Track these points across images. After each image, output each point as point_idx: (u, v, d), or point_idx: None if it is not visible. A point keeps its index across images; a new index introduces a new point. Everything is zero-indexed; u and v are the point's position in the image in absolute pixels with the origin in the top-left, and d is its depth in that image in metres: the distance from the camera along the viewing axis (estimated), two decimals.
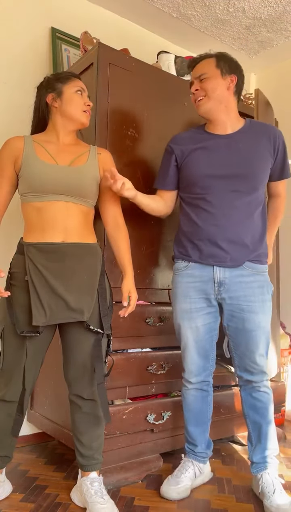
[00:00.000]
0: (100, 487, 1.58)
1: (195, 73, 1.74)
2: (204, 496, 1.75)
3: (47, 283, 1.52)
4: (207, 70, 1.71)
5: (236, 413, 2.23)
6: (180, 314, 1.78)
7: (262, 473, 1.70)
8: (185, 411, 1.83)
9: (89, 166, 1.64)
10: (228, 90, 1.71)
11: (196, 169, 1.73)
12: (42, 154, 1.59)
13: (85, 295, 1.55)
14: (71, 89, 1.64)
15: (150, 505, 1.65)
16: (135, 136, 2.04)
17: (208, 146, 1.74)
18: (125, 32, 2.83)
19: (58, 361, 1.78)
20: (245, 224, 1.69)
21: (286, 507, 1.57)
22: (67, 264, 1.55)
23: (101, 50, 1.95)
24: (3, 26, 2.34)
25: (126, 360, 1.87)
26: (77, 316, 1.53)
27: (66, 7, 2.58)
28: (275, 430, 1.74)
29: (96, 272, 1.61)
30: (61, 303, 1.52)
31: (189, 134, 1.83)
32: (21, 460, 2.04)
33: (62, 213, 1.57)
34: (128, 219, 1.88)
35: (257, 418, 1.73)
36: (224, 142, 1.73)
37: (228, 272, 1.70)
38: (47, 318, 1.51)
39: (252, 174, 1.69)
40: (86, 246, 1.60)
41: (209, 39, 3.06)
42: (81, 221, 1.61)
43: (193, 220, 1.74)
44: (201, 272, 1.72)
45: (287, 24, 2.86)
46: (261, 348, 1.68)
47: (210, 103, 1.71)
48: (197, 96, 1.73)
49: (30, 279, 1.51)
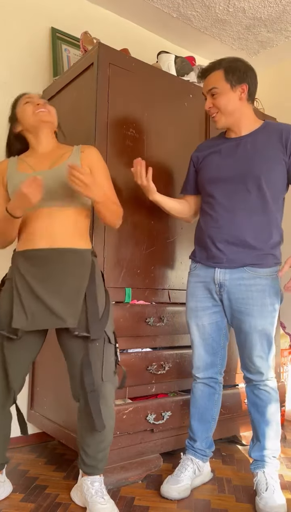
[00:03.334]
0: (101, 487, 1.58)
1: (206, 85, 1.75)
2: (204, 496, 1.75)
3: (31, 288, 1.51)
4: (216, 84, 1.71)
5: (236, 413, 2.23)
6: (188, 313, 1.83)
7: (258, 471, 1.71)
8: (191, 406, 1.85)
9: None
10: (241, 100, 1.71)
11: (206, 173, 1.80)
12: (22, 167, 1.63)
13: (70, 301, 1.51)
14: (20, 106, 1.69)
15: (150, 505, 1.65)
16: (135, 136, 2.04)
17: (220, 150, 1.78)
18: (125, 32, 2.83)
19: (58, 361, 1.78)
20: (246, 225, 1.68)
21: (273, 505, 1.57)
22: (52, 270, 1.53)
23: (101, 50, 1.95)
24: (3, 26, 2.34)
25: (126, 360, 1.86)
26: (60, 322, 1.50)
27: (66, 7, 2.58)
28: (276, 431, 1.74)
29: (83, 277, 1.56)
30: (44, 309, 1.50)
31: (209, 141, 1.91)
32: (21, 460, 2.04)
33: (45, 221, 1.56)
34: (129, 219, 1.89)
35: (257, 416, 1.74)
36: (234, 145, 1.75)
37: (228, 274, 1.70)
38: (28, 323, 1.50)
39: (253, 174, 1.68)
40: (75, 252, 1.57)
41: (209, 39, 3.06)
42: (68, 226, 1.58)
43: (200, 223, 1.83)
44: (205, 273, 1.77)
45: (287, 24, 2.86)
46: (258, 350, 1.68)
47: (224, 118, 1.74)
48: (211, 113, 1.76)
49: (14, 284, 1.54)
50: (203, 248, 1.78)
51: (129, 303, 1.94)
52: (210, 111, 1.76)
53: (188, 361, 2.08)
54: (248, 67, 1.73)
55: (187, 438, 1.87)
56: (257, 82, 1.77)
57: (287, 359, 2.73)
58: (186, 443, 1.85)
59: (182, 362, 2.06)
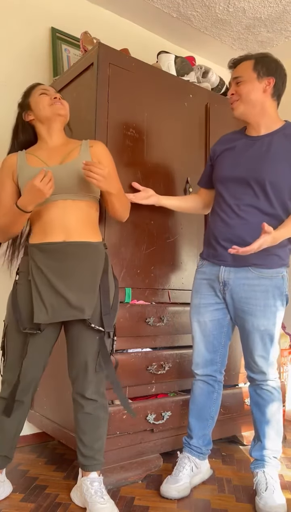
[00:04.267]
0: (100, 487, 1.58)
1: (233, 74, 1.75)
2: (204, 496, 1.75)
3: (49, 282, 1.54)
4: (243, 73, 1.71)
5: (236, 413, 2.23)
6: (191, 309, 1.85)
7: (258, 470, 1.71)
8: (190, 403, 1.86)
9: (81, 160, 1.62)
10: (265, 92, 1.70)
11: (219, 170, 1.81)
12: (33, 161, 1.65)
13: (86, 293, 1.56)
14: (35, 96, 1.71)
15: (150, 505, 1.65)
16: (135, 136, 2.04)
17: (235, 147, 1.78)
18: (125, 32, 2.83)
19: (59, 361, 1.78)
20: (251, 226, 1.66)
21: (273, 505, 1.57)
22: (68, 263, 1.57)
23: (101, 50, 1.95)
24: (3, 26, 2.34)
25: (126, 360, 1.86)
26: (78, 314, 1.54)
27: (66, 7, 2.58)
28: (278, 432, 1.74)
29: (98, 270, 1.61)
30: (62, 301, 1.54)
31: (229, 135, 1.89)
32: (21, 460, 2.04)
33: (60, 213, 1.60)
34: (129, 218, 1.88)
35: (258, 416, 1.74)
36: (250, 144, 1.74)
37: (233, 273, 1.71)
38: (49, 316, 1.53)
39: (259, 177, 1.66)
40: (87, 245, 1.61)
41: (209, 39, 3.06)
42: (82, 219, 1.62)
43: (209, 221, 1.86)
44: (210, 270, 1.79)
45: (287, 24, 2.86)
46: (260, 350, 1.69)
47: (243, 106, 1.72)
48: (231, 99, 1.75)
49: (32, 278, 1.56)
50: (210, 246, 1.80)
51: (129, 303, 1.95)
52: (231, 98, 1.75)
53: (188, 361, 2.08)
54: (280, 65, 1.73)
55: (185, 435, 1.87)
56: (286, 82, 1.75)
57: (287, 359, 2.73)
58: (183, 440, 1.86)
59: (182, 362, 2.06)
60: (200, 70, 2.50)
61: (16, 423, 1.62)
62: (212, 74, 2.52)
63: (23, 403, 1.60)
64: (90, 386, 1.59)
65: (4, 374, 1.60)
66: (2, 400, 1.59)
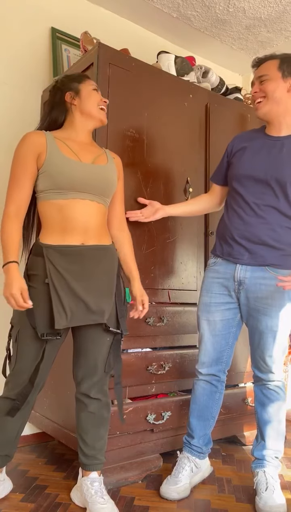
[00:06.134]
0: (101, 487, 1.58)
1: (257, 73, 1.74)
2: (204, 496, 1.75)
3: (68, 286, 1.50)
4: (268, 71, 1.69)
5: (236, 413, 2.23)
6: (200, 307, 1.83)
7: (259, 470, 1.71)
8: (191, 402, 1.85)
9: (110, 167, 1.66)
10: (289, 92, 1.68)
11: (236, 168, 1.77)
12: (65, 150, 1.57)
13: (104, 297, 1.56)
14: (88, 87, 1.67)
15: (150, 505, 1.65)
16: (135, 136, 2.04)
17: (254, 145, 1.76)
18: (125, 32, 2.83)
19: (59, 361, 1.78)
20: (270, 226, 1.67)
21: (273, 505, 1.57)
22: (87, 267, 1.55)
23: (101, 50, 1.95)
24: (3, 26, 2.34)
25: (127, 360, 1.86)
26: (97, 318, 1.54)
27: (66, 7, 2.58)
28: (281, 432, 1.74)
29: (113, 274, 1.62)
30: (81, 306, 1.51)
31: (248, 133, 1.87)
32: (21, 460, 2.04)
33: (83, 212, 1.56)
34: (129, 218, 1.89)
35: (263, 415, 1.74)
36: (270, 144, 1.73)
37: (250, 272, 1.70)
38: (68, 320, 1.50)
39: (281, 180, 1.65)
40: (104, 248, 1.61)
41: (209, 39, 3.06)
42: (100, 222, 1.62)
43: (224, 217, 1.82)
44: (225, 269, 1.76)
45: (287, 24, 2.86)
46: (271, 350, 1.68)
47: (268, 105, 1.70)
48: (255, 97, 1.73)
49: (51, 282, 1.49)
50: (225, 243, 1.77)
51: (129, 303, 1.94)
52: (255, 95, 1.72)
53: (188, 361, 2.08)
54: None
55: (184, 435, 1.87)
56: None
57: (287, 359, 2.73)
58: (184, 440, 1.86)
59: (182, 362, 2.06)
60: (200, 70, 2.50)
61: (20, 423, 1.60)
62: (212, 74, 2.52)
63: (29, 403, 1.59)
64: (96, 386, 1.59)
65: (10, 377, 1.55)
66: (7, 401, 1.54)
